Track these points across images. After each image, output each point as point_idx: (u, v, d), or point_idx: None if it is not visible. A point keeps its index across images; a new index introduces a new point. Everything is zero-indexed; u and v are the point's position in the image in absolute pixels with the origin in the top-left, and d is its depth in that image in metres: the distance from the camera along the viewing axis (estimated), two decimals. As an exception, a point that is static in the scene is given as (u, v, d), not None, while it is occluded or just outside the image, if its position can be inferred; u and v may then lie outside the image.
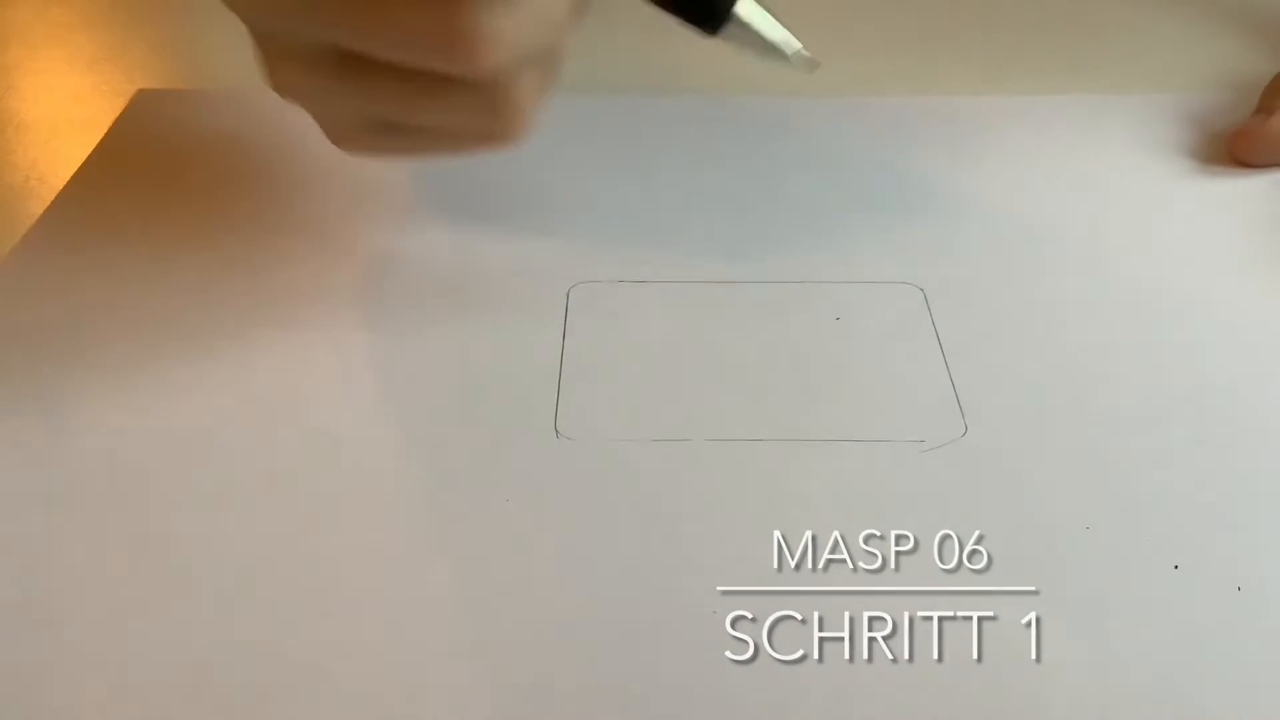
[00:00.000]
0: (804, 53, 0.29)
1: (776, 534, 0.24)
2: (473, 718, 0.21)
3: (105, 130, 0.38)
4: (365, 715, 0.21)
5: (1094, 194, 0.35)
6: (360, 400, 0.28)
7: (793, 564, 0.24)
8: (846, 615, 0.23)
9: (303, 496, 0.25)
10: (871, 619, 0.23)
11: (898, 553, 0.24)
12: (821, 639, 0.22)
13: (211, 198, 0.35)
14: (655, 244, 0.33)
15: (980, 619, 0.23)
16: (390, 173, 0.35)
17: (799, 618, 0.23)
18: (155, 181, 0.36)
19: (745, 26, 0.28)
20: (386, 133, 0.28)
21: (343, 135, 0.29)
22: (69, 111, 0.40)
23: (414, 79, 0.25)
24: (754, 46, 0.29)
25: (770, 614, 0.23)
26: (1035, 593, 0.23)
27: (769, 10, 0.29)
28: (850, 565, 0.24)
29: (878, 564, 0.24)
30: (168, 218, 0.34)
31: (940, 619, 0.23)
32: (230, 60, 0.43)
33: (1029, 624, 0.23)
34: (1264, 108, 0.37)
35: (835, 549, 0.24)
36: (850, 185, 0.31)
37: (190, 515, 0.25)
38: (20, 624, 0.23)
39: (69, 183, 0.36)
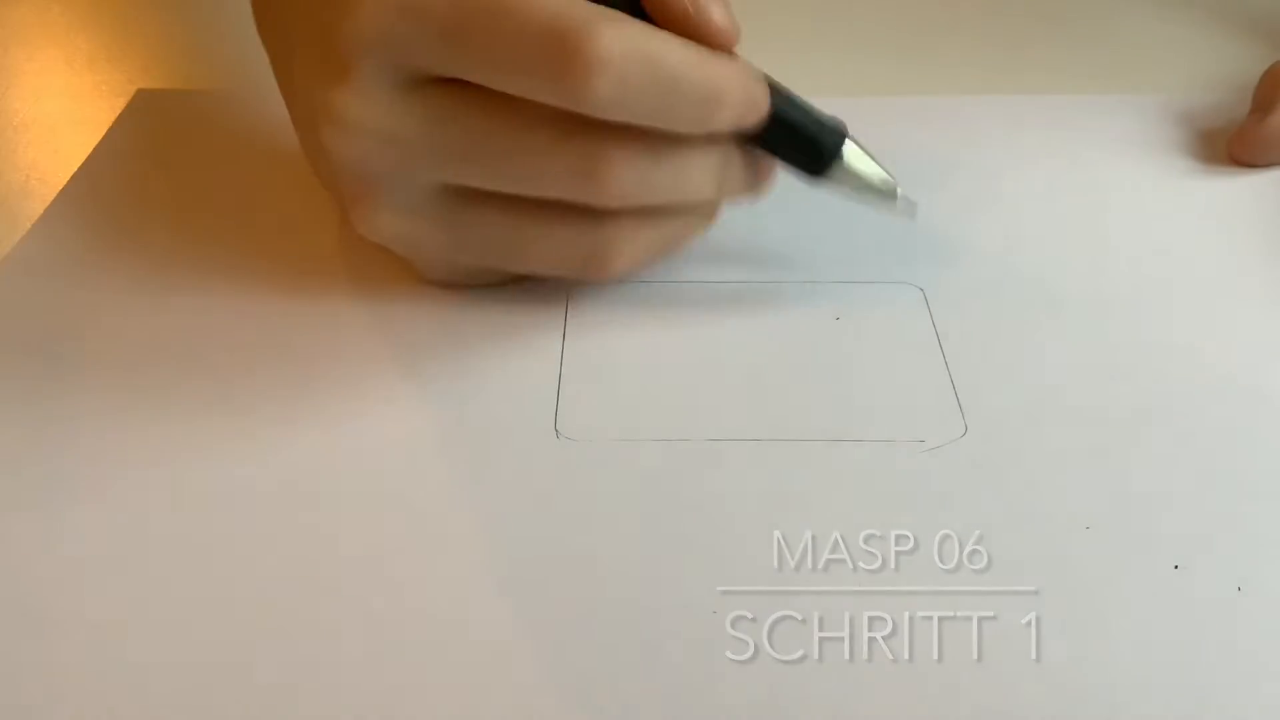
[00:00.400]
0: (908, 197, 0.29)
1: (776, 534, 0.24)
2: (472, 717, 0.21)
3: (105, 130, 0.38)
4: (365, 715, 0.21)
5: (1094, 194, 0.35)
6: (359, 400, 0.28)
7: (793, 564, 0.24)
8: (846, 615, 0.23)
9: (301, 496, 0.25)
10: (871, 619, 0.23)
11: (898, 553, 0.24)
12: (821, 639, 0.22)
13: (211, 198, 0.35)
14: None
15: (980, 619, 0.23)
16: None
17: (799, 618, 0.23)
18: (155, 181, 0.36)
19: (850, 172, 0.29)
20: (472, 270, 0.29)
21: (433, 269, 0.30)
22: (69, 111, 0.40)
23: (526, 211, 0.27)
24: (856, 189, 0.29)
25: (770, 614, 0.23)
26: (1035, 593, 0.23)
27: (871, 154, 0.29)
28: (850, 565, 0.24)
29: (878, 564, 0.24)
30: (167, 218, 0.34)
31: (940, 619, 0.23)
32: (230, 60, 0.43)
33: (1029, 624, 0.23)
34: (1258, 107, 0.37)
35: (835, 549, 0.24)
36: (850, 185, 0.31)
37: (190, 515, 0.25)
38: (20, 624, 0.23)
39: (69, 183, 0.36)
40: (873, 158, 0.29)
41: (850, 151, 0.29)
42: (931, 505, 0.25)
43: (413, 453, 0.26)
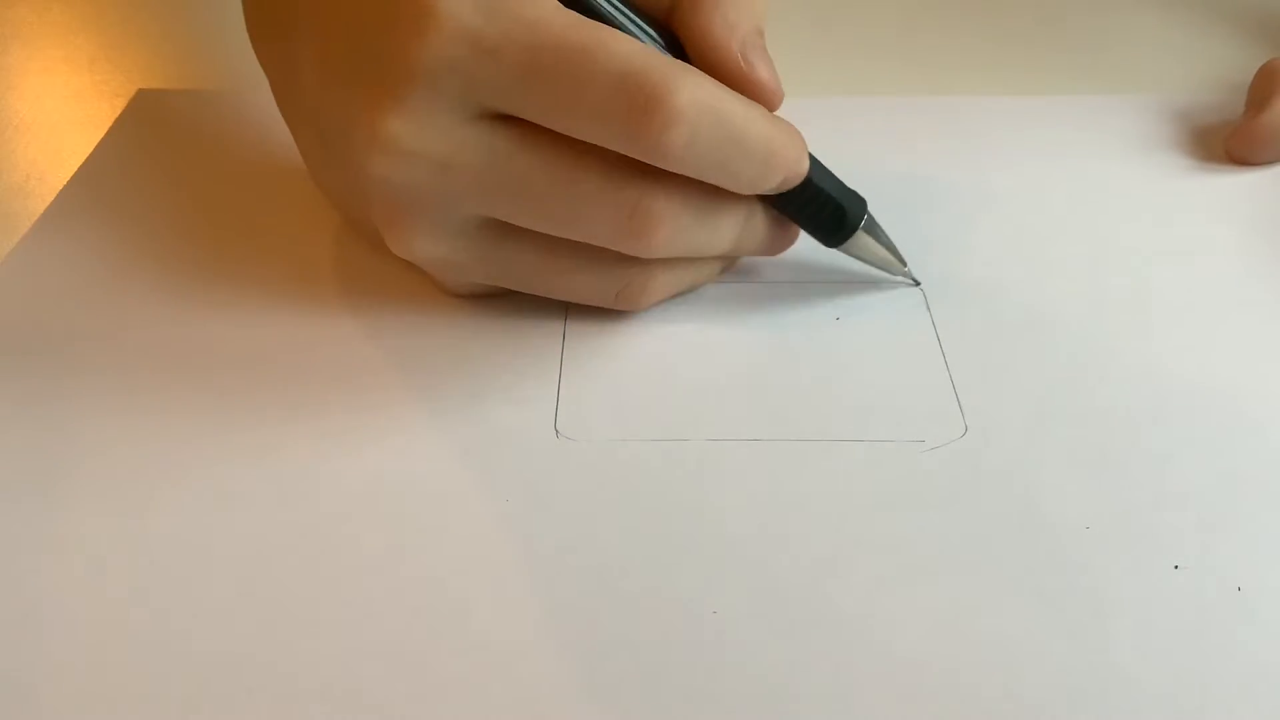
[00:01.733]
0: (910, 273, 0.31)
1: (776, 534, 0.24)
2: (471, 717, 0.21)
3: (105, 130, 0.38)
4: (365, 715, 0.21)
5: (1094, 194, 0.35)
6: (359, 399, 0.28)
7: (793, 564, 0.24)
8: (846, 615, 0.23)
9: (302, 497, 0.25)
10: (871, 619, 0.23)
11: (897, 553, 0.24)
12: (821, 639, 0.22)
13: (211, 198, 0.35)
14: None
15: (980, 618, 0.23)
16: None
17: (799, 617, 0.23)
18: (155, 181, 0.36)
19: (864, 245, 0.30)
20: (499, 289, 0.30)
21: (460, 287, 0.30)
22: (69, 111, 0.40)
23: (564, 250, 0.27)
24: (865, 258, 0.31)
25: (770, 614, 0.23)
26: (1035, 592, 0.23)
27: (884, 230, 0.30)
28: (850, 565, 0.24)
29: (877, 564, 0.24)
30: (168, 218, 0.34)
31: (940, 618, 0.23)
32: (230, 60, 0.43)
33: (1029, 623, 0.23)
34: (1254, 104, 0.37)
35: (835, 549, 0.24)
36: (851, 185, 0.31)
37: (189, 516, 0.25)
38: (20, 624, 0.23)
39: (69, 183, 0.36)
40: (884, 233, 0.31)
41: (868, 225, 0.30)
42: (931, 505, 0.25)
43: (413, 453, 0.26)
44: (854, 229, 0.30)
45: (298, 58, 0.28)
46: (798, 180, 0.28)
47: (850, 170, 0.30)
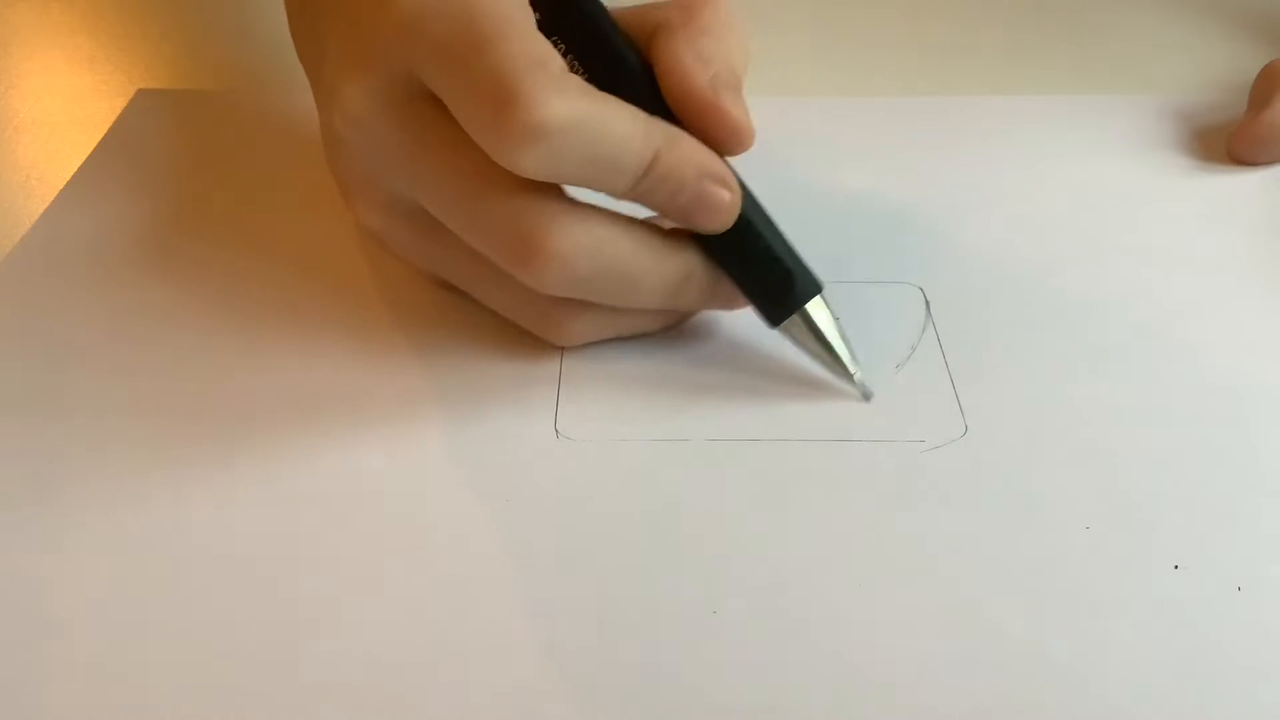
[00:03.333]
0: (863, 381, 0.28)
1: (776, 534, 0.24)
2: (472, 717, 0.21)
3: (105, 130, 0.38)
4: (365, 715, 0.21)
5: (1094, 194, 0.35)
6: (360, 399, 0.28)
7: (793, 564, 0.24)
8: (846, 615, 0.23)
9: (302, 496, 0.25)
10: (871, 619, 0.23)
11: (896, 553, 0.24)
12: (821, 639, 0.22)
13: (211, 198, 0.35)
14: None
15: (980, 618, 0.23)
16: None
17: (799, 618, 0.23)
18: (155, 181, 0.36)
19: (805, 332, 0.28)
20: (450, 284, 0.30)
21: (417, 268, 0.30)
22: (69, 111, 0.40)
23: (482, 262, 0.27)
24: (811, 350, 0.28)
25: (770, 613, 0.23)
26: (1035, 592, 0.23)
27: (839, 325, 0.28)
28: (850, 565, 0.24)
29: (877, 564, 0.24)
30: (167, 218, 0.34)
31: (940, 618, 0.23)
32: (230, 60, 0.43)
33: (1029, 624, 0.23)
34: (1255, 105, 0.37)
35: (835, 549, 0.24)
36: (850, 185, 0.31)
37: (189, 515, 0.25)
38: (20, 624, 0.23)
39: (69, 183, 0.36)
40: (841, 334, 0.28)
41: (817, 310, 0.27)
42: (931, 505, 0.25)
43: (413, 453, 0.26)
44: (797, 304, 0.27)
45: (324, 43, 0.29)
46: (706, 207, 0.26)
47: (850, 170, 0.30)
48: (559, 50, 0.25)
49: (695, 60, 0.26)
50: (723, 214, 0.26)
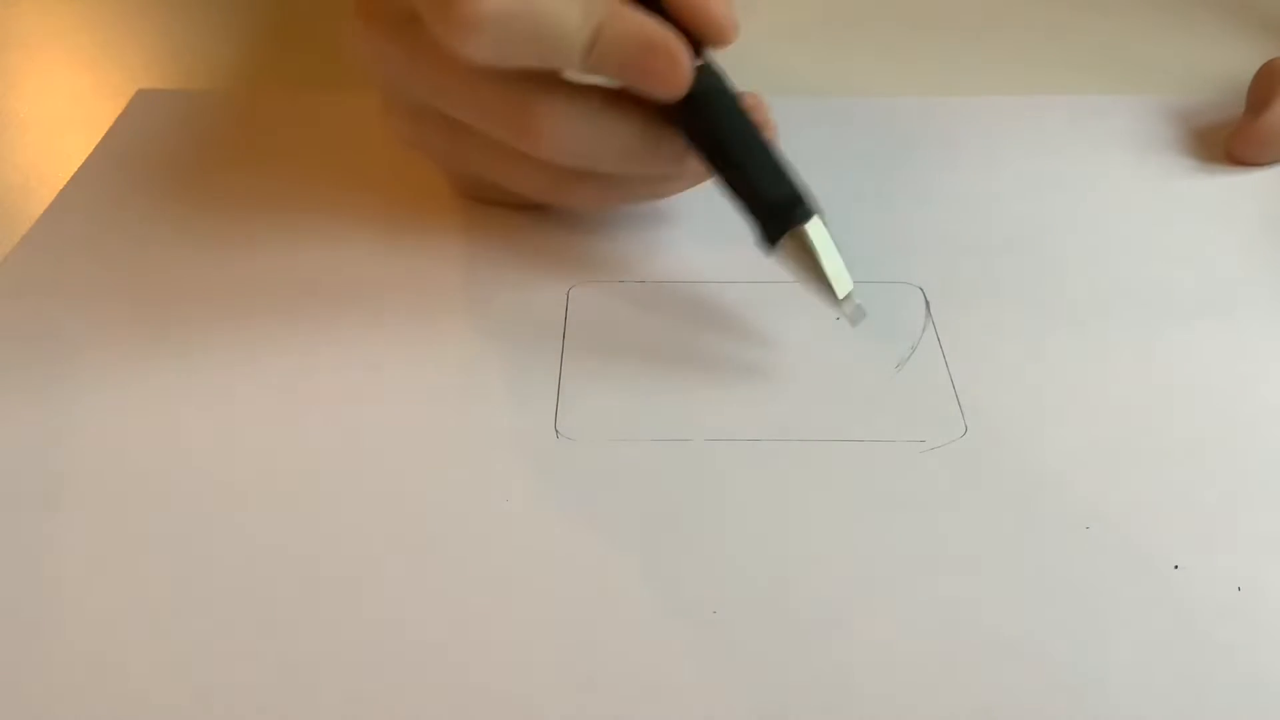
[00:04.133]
0: (855, 300, 0.28)
1: (776, 534, 0.24)
2: (471, 717, 0.21)
3: (105, 130, 0.38)
4: (365, 714, 0.21)
5: (1094, 194, 0.35)
6: (360, 399, 0.28)
7: (793, 564, 0.24)
8: (846, 615, 0.23)
9: (302, 496, 0.25)
10: (871, 619, 0.23)
11: (897, 553, 0.24)
12: (821, 639, 0.22)
13: (211, 198, 0.35)
14: (656, 244, 0.33)
15: (979, 618, 0.23)
16: (389, 174, 0.35)
17: (799, 618, 0.23)
18: (155, 181, 0.36)
19: (804, 250, 0.28)
20: (482, 182, 0.33)
21: (451, 180, 0.34)
22: (69, 111, 0.40)
23: (494, 146, 0.30)
24: (805, 272, 0.28)
25: (770, 614, 0.23)
26: (1035, 592, 0.23)
27: (836, 246, 0.28)
28: (850, 565, 0.24)
29: (877, 564, 0.24)
30: (167, 218, 0.34)
31: (940, 618, 0.23)
32: (230, 60, 0.43)
33: (1029, 624, 0.23)
34: (1254, 105, 0.37)
35: (835, 549, 0.24)
36: (850, 185, 0.31)
37: (190, 515, 0.25)
38: (20, 624, 0.23)
39: (69, 183, 0.36)
40: (836, 249, 0.28)
41: (814, 229, 0.28)
42: (931, 505, 0.25)
43: (413, 453, 0.26)
44: (789, 225, 0.28)
45: None
46: (652, 75, 0.28)
47: (851, 170, 0.30)
48: None
49: None
50: (668, 82, 0.28)
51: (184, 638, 0.23)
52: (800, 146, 0.36)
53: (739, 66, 0.30)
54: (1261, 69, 0.38)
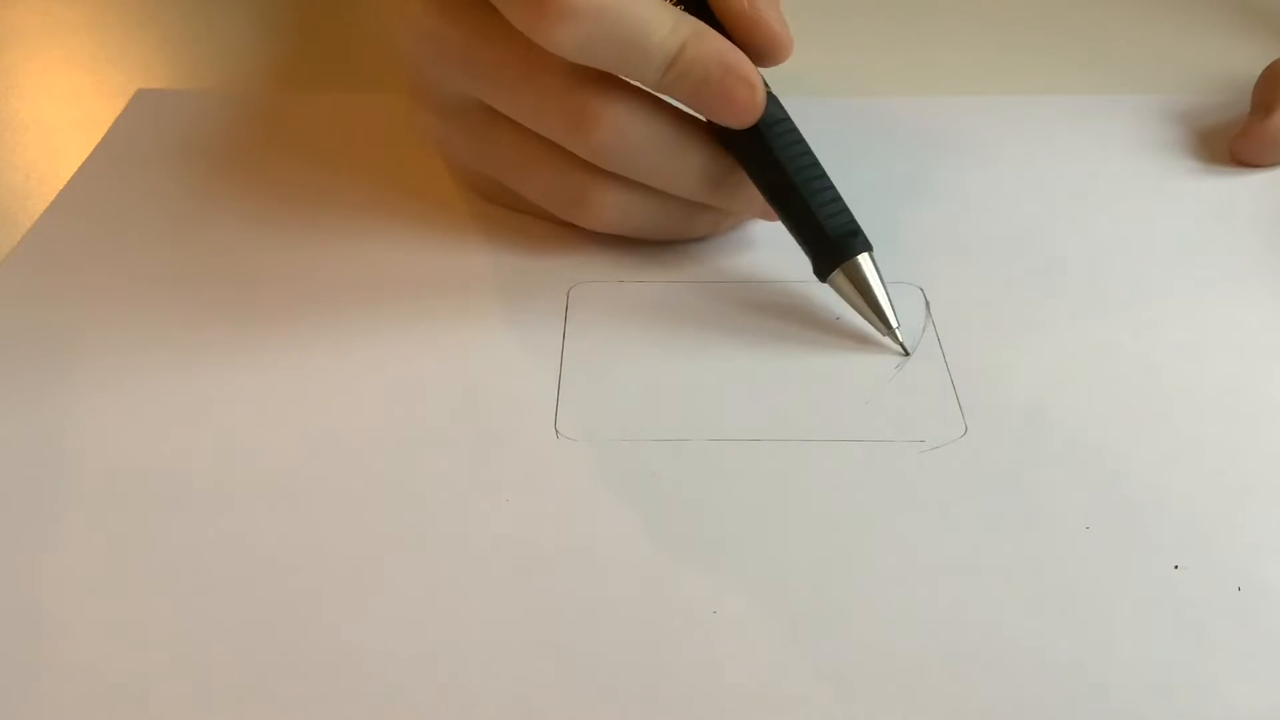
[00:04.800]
0: (900, 336, 0.29)
1: (776, 534, 0.24)
2: (471, 717, 0.21)
3: (105, 130, 0.38)
4: (365, 714, 0.21)
5: (1094, 194, 0.35)
6: (360, 400, 0.28)
7: (793, 564, 0.24)
8: (846, 615, 0.23)
9: (301, 496, 0.25)
10: (871, 619, 0.23)
11: (897, 553, 0.24)
12: (821, 639, 0.22)
13: (211, 198, 0.35)
14: (655, 244, 0.33)
15: (979, 618, 0.23)
16: (388, 174, 0.35)
17: (799, 618, 0.23)
18: (155, 182, 0.36)
19: (862, 280, 0.29)
20: (492, 182, 0.32)
21: (464, 180, 0.34)
22: (69, 111, 0.40)
23: (528, 147, 0.30)
24: (855, 303, 0.29)
25: (770, 614, 0.23)
26: (1035, 592, 0.23)
27: (884, 282, 0.29)
28: (850, 565, 0.24)
29: (877, 564, 0.24)
30: (167, 218, 0.34)
31: (940, 618, 0.23)
32: (230, 60, 0.43)
33: (1029, 624, 0.23)
34: (1259, 106, 0.37)
35: (835, 549, 0.24)
36: (850, 185, 0.31)
37: (190, 516, 0.25)
38: (20, 624, 0.23)
39: (69, 183, 0.36)
40: (885, 285, 0.29)
41: (865, 264, 0.29)
42: (931, 505, 0.25)
43: (413, 452, 0.26)
44: (845, 256, 0.29)
45: None
46: (729, 101, 0.28)
47: (851, 170, 0.30)
48: None
49: None
50: (744, 110, 0.28)
51: (183, 638, 0.23)
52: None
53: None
54: (1267, 70, 0.38)
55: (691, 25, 0.28)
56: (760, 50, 0.29)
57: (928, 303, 0.31)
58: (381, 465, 0.26)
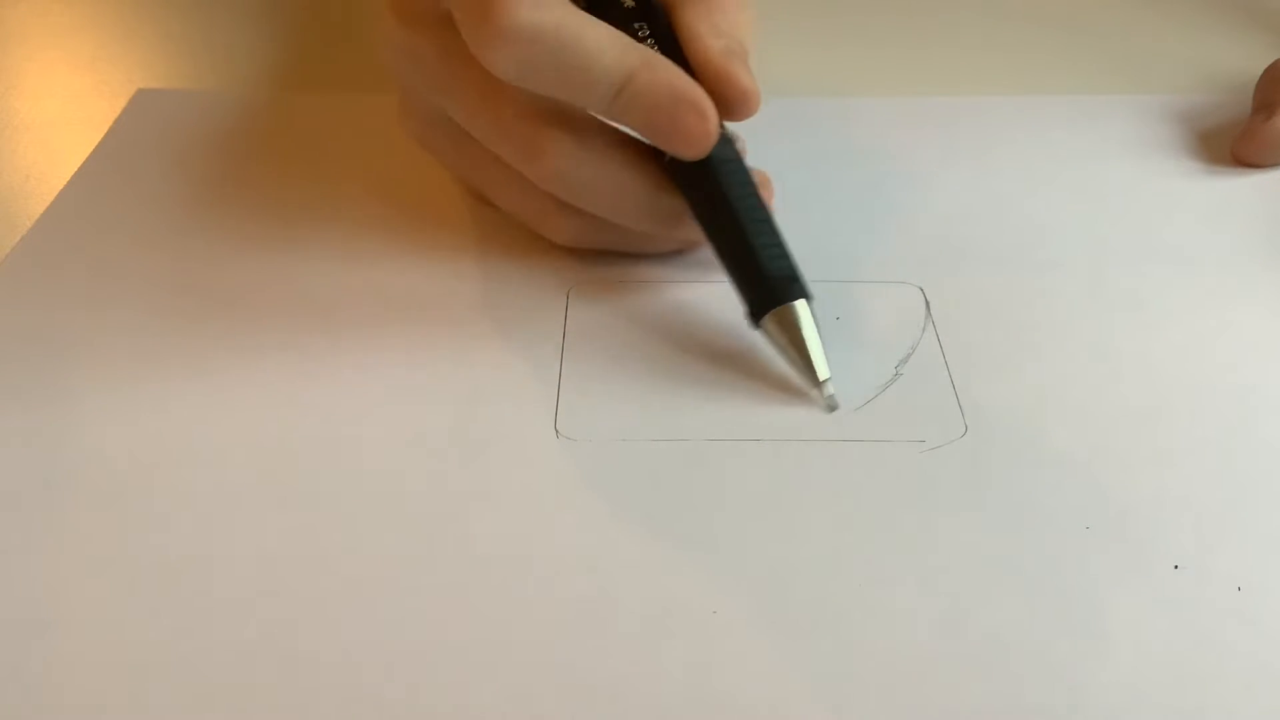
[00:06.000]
0: (831, 390, 0.27)
1: (776, 534, 0.24)
2: (472, 717, 0.21)
3: (105, 130, 0.38)
4: (365, 714, 0.21)
5: (1094, 194, 0.35)
6: (360, 400, 0.28)
7: (793, 564, 0.24)
8: (846, 615, 0.23)
9: (302, 497, 0.25)
10: (871, 619, 0.23)
11: (896, 553, 0.24)
12: (821, 639, 0.22)
13: (211, 198, 0.35)
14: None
15: (981, 619, 0.23)
16: (388, 174, 0.35)
17: (799, 618, 0.23)
18: (155, 181, 0.36)
19: (794, 327, 0.28)
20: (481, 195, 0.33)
21: (456, 177, 0.34)
22: (69, 111, 0.40)
23: (496, 164, 0.30)
24: (786, 351, 0.28)
25: (770, 614, 0.23)
26: (1035, 592, 0.23)
27: (819, 330, 0.28)
28: (850, 565, 0.24)
29: (877, 564, 0.24)
30: (167, 218, 0.34)
31: (940, 618, 0.23)
32: (230, 60, 0.43)
33: (1029, 624, 0.23)
34: (1261, 106, 0.37)
35: (835, 549, 0.24)
36: (850, 185, 0.31)
37: (190, 516, 0.25)
38: (20, 624, 0.23)
39: (69, 183, 0.36)
40: (819, 335, 0.28)
41: (801, 311, 0.28)
42: (931, 505, 0.25)
43: (413, 452, 0.26)
44: (777, 301, 0.28)
45: None
46: (680, 130, 0.28)
47: (851, 170, 0.30)
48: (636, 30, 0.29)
49: (710, 30, 0.29)
50: (695, 139, 0.28)
51: (184, 638, 0.23)
52: (799, 147, 0.36)
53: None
54: (1268, 70, 0.38)
55: (641, 53, 0.27)
56: (729, 103, 0.28)
57: (928, 303, 0.31)
58: (382, 466, 0.26)
